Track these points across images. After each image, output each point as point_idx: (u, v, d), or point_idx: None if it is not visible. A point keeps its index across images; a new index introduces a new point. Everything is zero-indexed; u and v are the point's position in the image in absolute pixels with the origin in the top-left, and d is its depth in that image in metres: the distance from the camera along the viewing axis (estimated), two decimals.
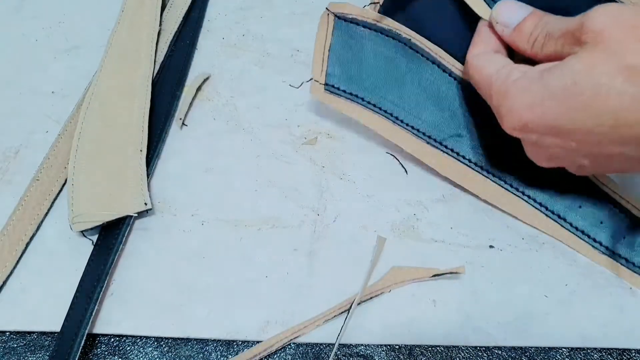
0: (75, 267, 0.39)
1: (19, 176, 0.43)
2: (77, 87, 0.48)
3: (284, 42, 0.50)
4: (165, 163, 0.44)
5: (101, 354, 0.37)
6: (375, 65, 0.40)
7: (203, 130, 0.46)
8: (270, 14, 0.52)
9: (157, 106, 0.46)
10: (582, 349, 0.37)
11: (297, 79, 0.48)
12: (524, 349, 0.37)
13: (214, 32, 0.52)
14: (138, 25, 0.50)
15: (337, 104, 0.41)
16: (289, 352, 0.37)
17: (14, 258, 0.40)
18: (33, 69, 0.49)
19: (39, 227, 0.41)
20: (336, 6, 0.38)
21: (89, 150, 0.43)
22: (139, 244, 0.41)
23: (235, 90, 0.48)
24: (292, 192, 0.43)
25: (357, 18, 0.38)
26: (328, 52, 0.39)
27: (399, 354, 0.37)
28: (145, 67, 0.47)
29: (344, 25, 0.39)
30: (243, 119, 0.46)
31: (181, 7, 0.52)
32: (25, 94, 0.48)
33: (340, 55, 0.40)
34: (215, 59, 0.50)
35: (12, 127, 0.46)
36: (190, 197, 0.43)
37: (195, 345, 0.37)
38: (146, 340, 0.38)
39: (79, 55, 0.50)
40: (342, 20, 0.39)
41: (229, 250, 0.40)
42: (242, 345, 0.37)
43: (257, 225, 0.41)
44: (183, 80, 0.48)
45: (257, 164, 0.44)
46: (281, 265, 0.40)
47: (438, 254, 0.40)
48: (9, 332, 0.38)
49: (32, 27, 0.52)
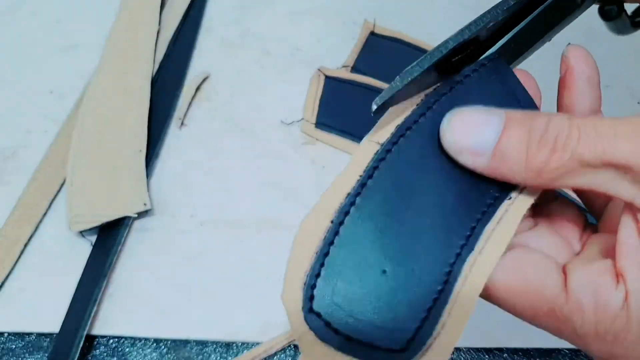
0: (74, 268, 0.39)
1: (17, 176, 0.43)
2: (75, 87, 0.47)
3: (284, 41, 0.50)
4: (164, 163, 0.44)
5: (100, 355, 0.37)
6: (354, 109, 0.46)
7: (202, 130, 0.46)
8: (270, 13, 0.52)
9: (156, 106, 0.46)
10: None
11: (297, 77, 0.48)
12: (525, 350, 0.36)
13: (214, 31, 0.51)
14: (137, 24, 0.50)
15: (327, 137, 0.46)
16: (288, 353, 0.37)
17: (12, 259, 0.40)
18: (31, 68, 0.49)
19: (37, 228, 0.41)
20: (324, 70, 0.49)
21: (88, 150, 0.43)
22: (138, 244, 0.40)
23: (235, 90, 0.48)
24: (292, 192, 0.42)
25: (339, 77, 0.49)
26: (319, 102, 0.47)
27: None
28: (144, 66, 0.47)
29: (330, 82, 0.48)
30: (243, 118, 0.46)
31: (180, 6, 0.51)
32: (23, 93, 0.48)
33: (328, 104, 0.47)
34: (215, 58, 0.50)
35: (9, 127, 0.46)
36: (190, 198, 0.42)
37: (194, 347, 0.37)
38: (145, 342, 0.37)
39: (78, 54, 0.50)
40: (329, 79, 0.48)
41: (229, 251, 0.40)
42: (241, 347, 0.37)
43: (257, 226, 0.41)
44: (182, 79, 0.48)
45: (257, 164, 0.44)
46: (281, 266, 0.39)
47: None
48: (8, 333, 0.38)
49: (30, 26, 0.52)
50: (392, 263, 0.22)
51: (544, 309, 0.21)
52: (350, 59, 0.49)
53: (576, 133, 0.20)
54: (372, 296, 0.22)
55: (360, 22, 0.51)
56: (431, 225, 0.22)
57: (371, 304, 0.22)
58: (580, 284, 0.21)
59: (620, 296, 0.20)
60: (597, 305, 0.20)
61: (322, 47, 0.50)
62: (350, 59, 0.49)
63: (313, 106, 0.47)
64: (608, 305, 0.20)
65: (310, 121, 0.46)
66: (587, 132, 0.20)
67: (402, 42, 0.50)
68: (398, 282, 0.22)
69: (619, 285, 0.20)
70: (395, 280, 0.22)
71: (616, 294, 0.20)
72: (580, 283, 0.21)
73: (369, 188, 0.22)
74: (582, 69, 0.24)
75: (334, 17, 0.51)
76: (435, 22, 0.51)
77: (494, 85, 0.24)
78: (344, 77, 0.48)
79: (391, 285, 0.22)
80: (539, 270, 0.21)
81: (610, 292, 0.20)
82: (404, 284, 0.22)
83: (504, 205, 0.23)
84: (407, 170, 0.23)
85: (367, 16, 0.51)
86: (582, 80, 0.24)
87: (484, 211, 0.23)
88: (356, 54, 0.50)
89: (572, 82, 0.24)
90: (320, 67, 0.48)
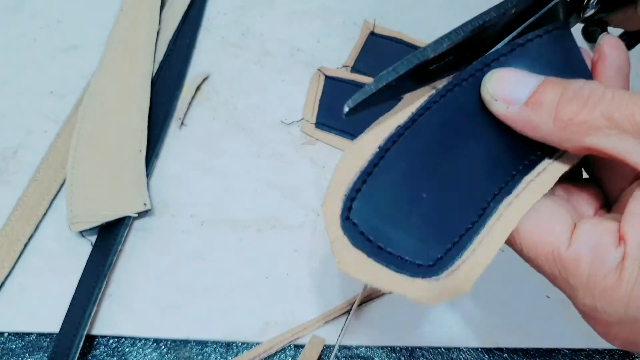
0: (74, 267, 0.39)
1: (18, 176, 0.43)
2: (75, 87, 0.47)
3: (284, 41, 0.50)
4: (164, 163, 0.44)
5: (100, 355, 0.37)
6: None
7: (202, 130, 0.46)
8: (270, 13, 0.52)
9: (156, 106, 0.46)
10: (583, 350, 0.36)
11: (297, 78, 0.48)
12: (525, 350, 0.36)
13: (214, 31, 0.51)
14: (137, 24, 0.50)
15: (327, 137, 0.45)
16: (288, 353, 0.37)
17: (13, 259, 0.40)
18: (31, 68, 0.49)
19: (37, 228, 0.41)
20: (324, 70, 0.49)
21: (88, 150, 0.43)
22: (138, 244, 0.40)
23: (235, 90, 0.48)
24: (292, 192, 0.42)
25: (339, 77, 0.48)
26: (318, 102, 0.47)
27: (400, 355, 0.37)
28: (144, 66, 0.47)
29: (330, 82, 0.48)
30: (243, 118, 0.46)
31: (180, 6, 0.51)
32: (24, 93, 0.48)
33: (327, 104, 0.47)
34: (215, 58, 0.50)
35: (10, 127, 0.46)
36: (190, 198, 0.42)
37: (194, 347, 0.37)
38: (145, 342, 0.37)
39: (78, 54, 0.50)
40: (329, 79, 0.48)
41: (229, 251, 0.40)
42: (241, 347, 0.37)
43: (257, 226, 0.41)
44: (182, 79, 0.48)
45: (257, 164, 0.44)
46: (281, 266, 0.39)
47: None
48: (7, 333, 0.38)
49: (31, 27, 0.52)
50: (431, 190, 0.24)
51: (546, 250, 0.22)
52: (350, 59, 0.49)
53: (610, 94, 0.21)
54: (408, 215, 0.23)
55: (360, 22, 0.51)
56: (474, 166, 0.24)
57: (406, 221, 0.23)
58: (584, 236, 0.22)
59: (618, 256, 0.21)
60: (594, 259, 0.21)
61: (322, 47, 0.50)
62: (350, 59, 0.49)
63: (313, 106, 0.47)
64: (604, 262, 0.21)
65: (310, 121, 0.46)
66: (621, 96, 0.21)
67: (402, 42, 0.50)
68: (435, 208, 0.23)
69: (619, 247, 0.21)
70: (432, 206, 0.23)
71: (614, 253, 0.21)
72: (584, 235, 0.22)
73: (419, 124, 0.24)
74: (614, 58, 0.25)
75: (334, 17, 0.51)
76: (435, 22, 0.51)
77: (555, 54, 0.25)
78: (344, 77, 0.48)
79: (428, 209, 0.23)
80: (552, 213, 0.23)
81: (609, 251, 0.21)
82: (441, 210, 0.23)
83: (544, 164, 0.25)
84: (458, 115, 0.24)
85: (367, 16, 0.51)
86: (613, 69, 0.25)
87: (525, 164, 0.24)
88: (356, 54, 0.50)
89: (602, 69, 0.25)
90: (320, 67, 0.48)
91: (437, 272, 0.23)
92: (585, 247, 0.22)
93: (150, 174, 0.43)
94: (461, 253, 0.23)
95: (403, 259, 0.23)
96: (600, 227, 0.22)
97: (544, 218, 0.23)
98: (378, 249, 0.23)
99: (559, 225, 0.23)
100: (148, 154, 0.43)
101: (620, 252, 0.21)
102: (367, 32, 0.51)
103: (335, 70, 0.49)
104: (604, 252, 0.21)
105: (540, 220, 0.23)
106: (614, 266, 0.21)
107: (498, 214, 0.23)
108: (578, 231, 0.22)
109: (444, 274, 0.23)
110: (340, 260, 0.23)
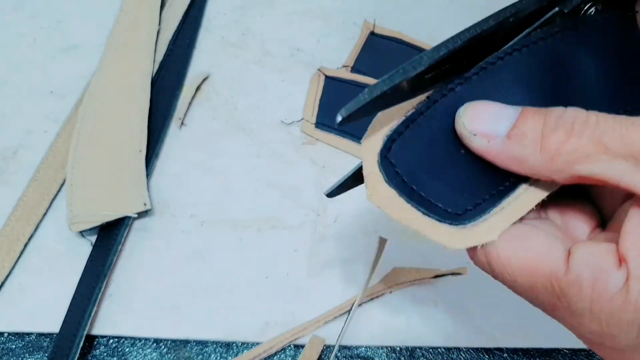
0: (74, 267, 0.39)
1: (18, 176, 0.43)
2: (75, 87, 0.47)
3: (284, 41, 0.50)
4: (164, 163, 0.44)
5: (100, 355, 0.37)
6: None
7: (202, 130, 0.46)
8: (270, 13, 0.52)
9: (156, 106, 0.46)
10: (584, 350, 0.36)
11: (297, 78, 0.48)
12: (525, 350, 0.36)
13: (214, 31, 0.51)
14: (137, 24, 0.50)
15: (327, 137, 0.46)
16: (288, 353, 0.37)
17: (13, 258, 0.40)
18: (31, 68, 0.49)
19: (37, 228, 0.41)
20: (324, 69, 0.49)
21: (88, 150, 0.43)
22: (138, 244, 0.40)
23: (235, 90, 0.48)
24: (292, 192, 0.42)
25: (339, 77, 0.49)
26: (318, 102, 0.47)
27: (400, 355, 0.37)
28: (144, 66, 0.47)
29: (330, 82, 0.48)
30: (243, 118, 0.46)
31: (180, 6, 0.51)
32: (24, 93, 0.48)
33: (327, 104, 0.47)
34: (215, 58, 0.50)
35: (10, 127, 0.46)
36: (190, 198, 0.42)
37: (194, 347, 0.37)
38: (145, 342, 0.37)
39: (78, 54, 0.50)
40: (329, 79, 0.49)
41: (229, 251, 0.40)
42: (241, 347, 0.37)
43: (257, 226, 0.41)
44: (182, 79, 0.48)
45: (257, 164, 0.44)
46: (281, 266, 0.39)
47: (439, 254, 0.39)
48: (7, 333, 0.38)
49: (31, 27, 0.52)
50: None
51: (542, 279, 0.21)
52: (350, 59, 0.49)
53: (594, 118, 0.20)
54: (443, 165, 0.24)
55: (360, 22, 0.51)
56: None
57: (442, 171, 0.24)
58: (582, 260, 0.21)
59: (621, 278, 0.20)
60: (596, 283, 0.20)
61: (322, 47, 0.50)
62: (350, 59, 0.49)
63: (313, 106, 0.47)
64: (607, 284, 0.20)
65: (310, 121, 0.46)
66: (605, 119, 0.20)
67: (402, 42, 0.50)
68: (471, 165, 0.24)
69: (621, 267, 0.20)
70: (469, 163, 0.24)
71: (617, 274, 0.20)
72: (582, 259, 0.21)
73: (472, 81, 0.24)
74: None
75: (334, 17, 0.51)
76: (435, 22, 0.51)
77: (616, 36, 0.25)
78: (344, 77, 0.48)
79: (464, 164, 0.24)
80: (544, 240, 0.22)
81: (611, 272, 0.20)
82: (476, 168, 0.24)
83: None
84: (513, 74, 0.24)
85: (367, 16, 0.51)
86: None
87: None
88: (356, 54, 0.50)
89: None
90: (320, 67, 0.49)
91: (464, 221, 0.23)
92: (585, 270, 0.20)
93: (150, 174, 0.43)
94: (490, 209, 0.23)
95: (433, 203, 0.23)
96: (597, 249, 0.21)
97: (536, 245, 0.22)
98: (410, 189, 0.23)
99: (553, 250, 0.21)
100: (148, 154, 0.43)
101: (623, 272, 0.20)
102: (367, 32, 0.51)
103: (335, 70, 0.49)
104: (605, 274, 0.20)
105: (533, 247, 0.22)
106: (619, 287, 0.20)
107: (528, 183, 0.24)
108: (575, 255, 0.21)
109: (471, 224, 0.23)
110: (372, 193, 0.23)
